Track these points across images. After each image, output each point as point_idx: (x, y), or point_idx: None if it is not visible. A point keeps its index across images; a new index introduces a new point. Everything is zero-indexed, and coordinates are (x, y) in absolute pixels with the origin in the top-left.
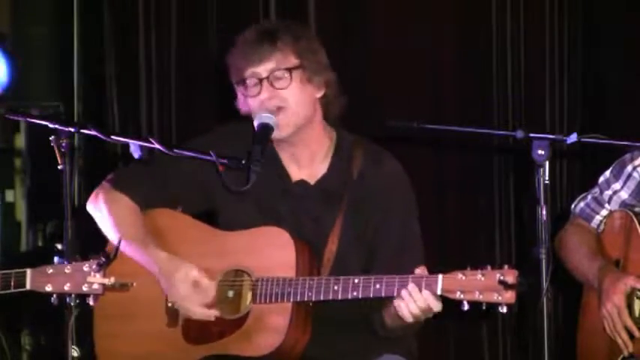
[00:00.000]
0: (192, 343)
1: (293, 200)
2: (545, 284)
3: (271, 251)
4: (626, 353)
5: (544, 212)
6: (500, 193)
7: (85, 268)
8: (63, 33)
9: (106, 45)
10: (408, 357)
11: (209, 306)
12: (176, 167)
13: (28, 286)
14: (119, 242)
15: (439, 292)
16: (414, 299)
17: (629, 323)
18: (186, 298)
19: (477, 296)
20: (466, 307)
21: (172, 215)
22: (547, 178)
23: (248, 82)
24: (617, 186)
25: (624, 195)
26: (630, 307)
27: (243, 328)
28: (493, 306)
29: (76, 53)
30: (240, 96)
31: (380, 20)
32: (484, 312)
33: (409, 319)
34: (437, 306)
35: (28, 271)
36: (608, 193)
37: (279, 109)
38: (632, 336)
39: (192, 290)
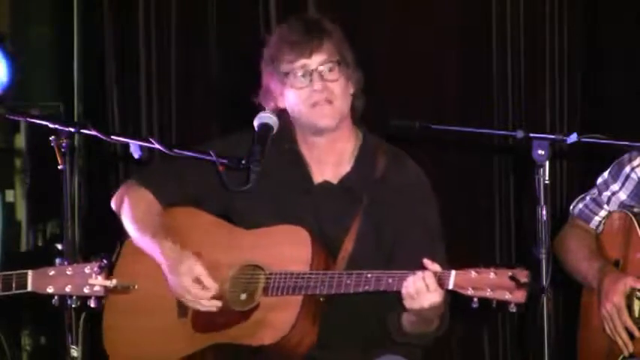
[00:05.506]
0: (199, 331)
1: (314, 201)
2: (545, 284)
3: (288, 248)
4: (626, 353)
5: (544, 212)
6: (500, 193)
7: (87, 270)
8: (63, 33)
9: (106, 45)
10: (409, 357)
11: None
12: (195, 167)
13: (29, 288)
14: (120, 246)
15: (451, 287)
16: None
17: (629, 323)
18: (186, 291)
19: (488, 293)
20: (476, 304)
21: (193, 213)
22: (547, 178)
23: (297, 73)
24: (615, 187)
25: (623, 196)
26: (630, 307)
27: (251, 318)
28: (503, 304)
29: (76, 53)
30: (276, 88)
31: (380, 21)
32: (491, 310)
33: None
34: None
35: (30, 273)
36: (607, 194)
37: (328, 102)
38: (632, 336)
39: (194, 285)
